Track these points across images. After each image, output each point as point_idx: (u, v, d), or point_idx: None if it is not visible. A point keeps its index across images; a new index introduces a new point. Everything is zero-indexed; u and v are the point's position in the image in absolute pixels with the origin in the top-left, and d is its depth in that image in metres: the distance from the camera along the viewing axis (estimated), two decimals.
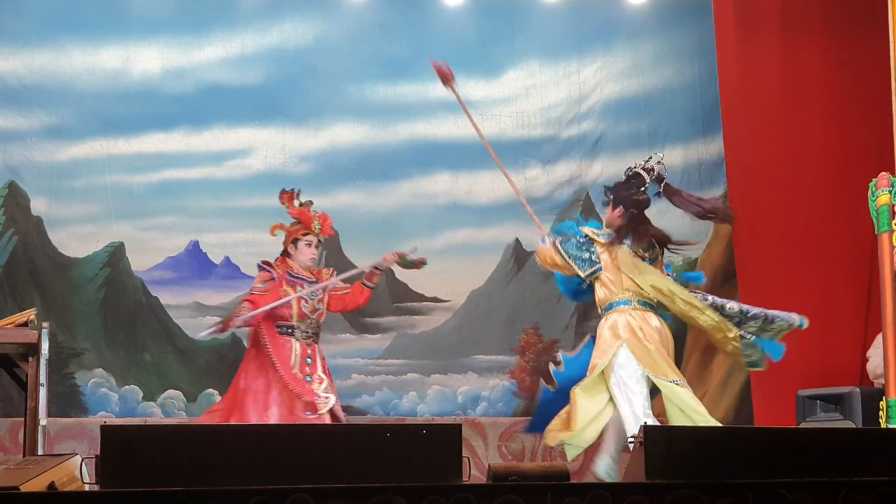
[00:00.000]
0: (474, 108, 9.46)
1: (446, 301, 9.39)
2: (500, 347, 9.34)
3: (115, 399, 8.80)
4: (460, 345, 9.34)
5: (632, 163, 9.55)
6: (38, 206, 8.84)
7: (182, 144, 9.10)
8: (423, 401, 9.22)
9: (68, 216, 8.90)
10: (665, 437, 4.28)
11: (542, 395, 6.96)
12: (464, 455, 4.20)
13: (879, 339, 7.15)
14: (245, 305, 7.15)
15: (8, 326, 6.44)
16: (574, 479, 4.58)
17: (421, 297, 9.37)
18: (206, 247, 9.10)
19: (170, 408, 8.84)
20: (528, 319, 9.31)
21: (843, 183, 8.21)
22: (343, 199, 9.25)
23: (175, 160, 9.09)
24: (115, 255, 8.94)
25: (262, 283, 7.27)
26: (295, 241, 7.37)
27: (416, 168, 9.43)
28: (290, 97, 9.30)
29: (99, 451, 4.01)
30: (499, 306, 9.40)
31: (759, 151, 8.56)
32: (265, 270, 7.32)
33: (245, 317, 7.07)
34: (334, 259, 9.26)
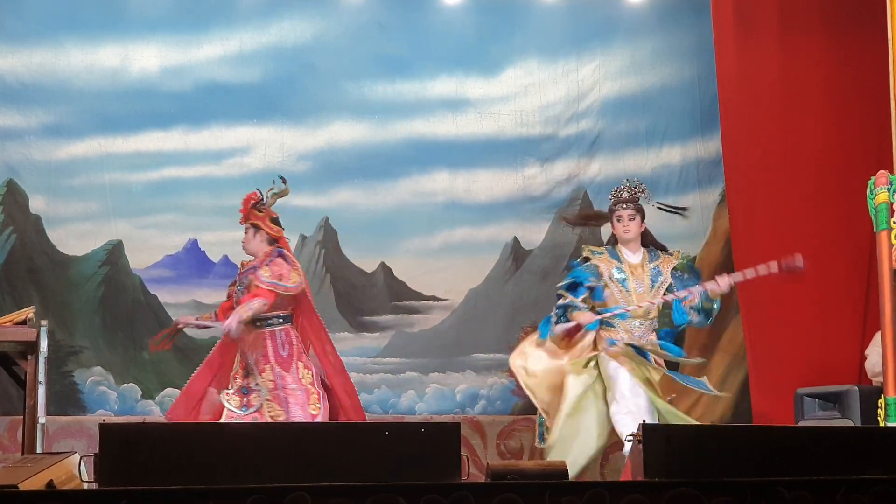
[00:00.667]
0: (473, 106, 9.52)
1: (444, 300, 9.40)
2: (498, 346, 9.33)
3: (113, 397, 8.80)
4: (459, 343, 9.35)
5: (631, 162, 9.61)
6: (37, 205, 8.85)
7: (180, 143, 9.11)
8: (422, 399, 9.22)
9: (67, 214, 8.90)
10: (664, 436, 4.28)
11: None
12: (462, 453, 4.20)
13: (878, 337, 7.15)
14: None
15: (6, 324, 6.45)
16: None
17: (419, 296, 9.37)
18: (205, 245, 9.10)
19: (168, 406, 8.83)
20: (527, 318, 9.26)
21: (841, 181, 8.20)
22: (341, 197, 9.26)
23: (173, 158, 9.09)
24: (114, 253, 8.95)
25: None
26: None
27: (415, 166, 9.43)
28: (289, 95, 9.30)
29: (97, 450, 4.01)
30: (497, 305, 9.40)
31: (758, 150, 8.56)
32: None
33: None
34: (334, 258, 9.28)
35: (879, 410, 6.84)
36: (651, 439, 4.22)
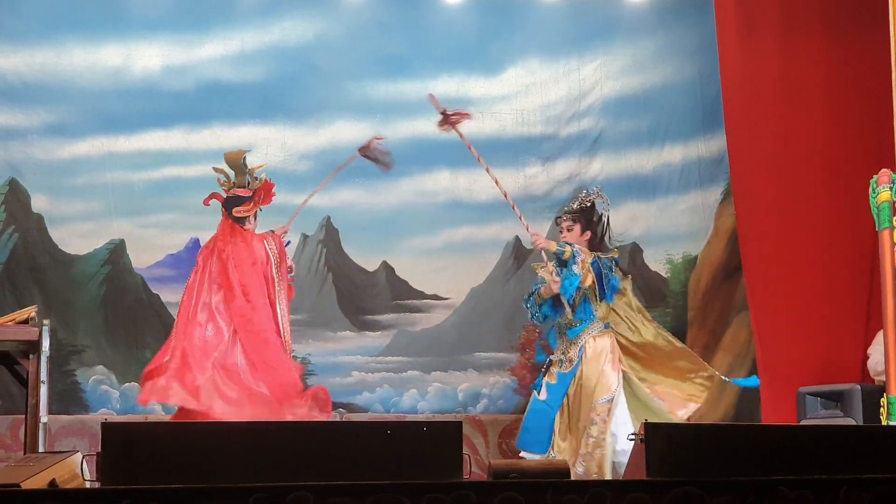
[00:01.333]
0: (475, 105, 9.50)
1: (446, 298, 9.40)
2: (500, 345, 9.34)
3: (115, 396, 8.81)
4: (461, 342, 9.35)
5: (632, 161, 9.63)
6: (39, 204, 8.85)
7: (182, 142, 9.11)
8: (424, 398, 9.22)
9: (69, 213, 8.91)
10: (666, 435, 4.29)
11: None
12: (464, 452, 4.20)
13: (880, 335, 7.15)
14: None
15: (9, 323, 6.47)
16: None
17: (421, 295, 9.37)
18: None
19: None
20: (528, 317, 9.30)
21: (843, 180, 8.19)
22: (343, 196, 9.25)
23: (175, 158, 9.09)
24: (116, 252, 8.95)
25: None
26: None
27: (417, 166, 9.42)
28: (291, 95, 9.30)
29: (100, 449, 4.01)
30: (499, 304, 9.40)
31: (761, 148, 8.55)
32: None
33: None
34: (335, 257, 9.28)
35: (882, 409, 6.84)
36: (653, 438, 4.22)
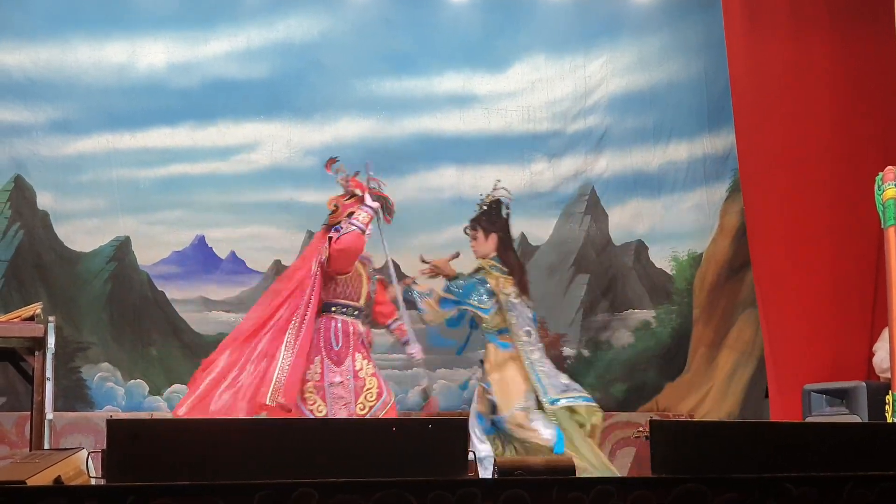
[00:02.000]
0: (480, 102, 9.52)
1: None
2: None
3: (121, 393, 8.81)
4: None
5: (638, 158, 9.61)
6: (45, 201, 8.86)
7: (188, 139, 9.11)
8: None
9: (74, 210, 8.92)
10: (671, 432, 4.28)
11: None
12: (470, 449, 4.20)
13: (886, 333, 7.13)
14: None
15: (14, 320, 6.47)
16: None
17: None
18: (212, 241, 9.11)
19: (175, 402, 8.82)
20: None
21: (851, 176, 8.18)
22: None
23: (181, 155, 9.10)
24: (121, 249, 8.96)
25: None
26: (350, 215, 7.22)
27: (422, 162, 9.43)
28: (296, 92, 9.31)
29: (105, 446, 4.01)
30: None
31: (770, 144, 8.54)
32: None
33: None
34: None
35: (887, 407, 6.82)
36: (658, 436, 4.22)
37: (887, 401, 6.81)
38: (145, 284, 8.98)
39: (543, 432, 7.07)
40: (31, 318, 6.47)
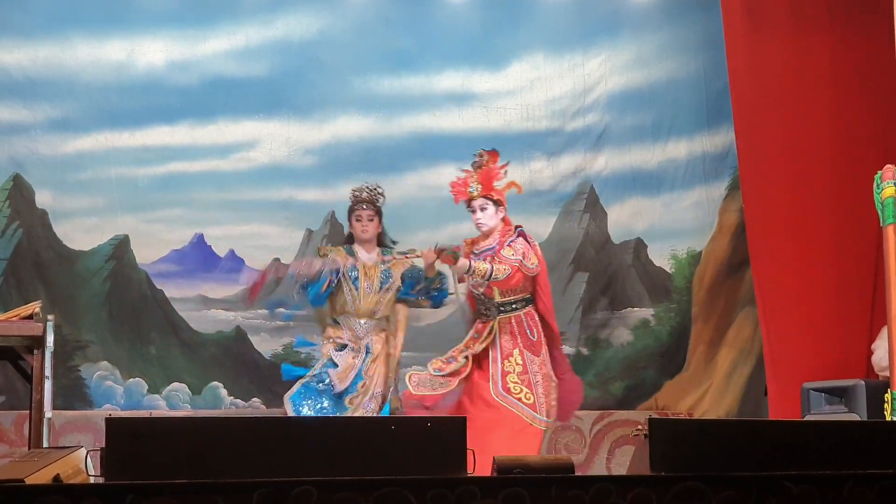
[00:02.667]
0: (479, 100, 9.51)
1: (451, 294, 9.37)
2: None
3: (119, 392, 8.81)
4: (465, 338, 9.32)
5: (637, 156, 9.61)
6: (43, 199, 8.85)
7: (187, 137, 9.11)
8: None
9: (73, 209, 8.91)
10: (670, 430, 4.28)
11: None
12: (468, 448, 4.20)
13: (885, 331, 7.14)
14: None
15: (13, 319, 6.47)
16: (579, 472, 4.58)
17: None
18: (211, 239, 9.10)
19: (175, 400, 8.85)
20: None
21: (851, 174, 8.18)
22: (347, 192, 9.19)
23: (180, 153, 9.09)
24: (120, 247, 8.95)
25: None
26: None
27: (421, 161, 9.42)
28: (295, 90, 9.30)
29: (104, 444, 4.01)
30: None
31: (769, 143, 8.54)
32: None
33: None
34: None
35: (886, 405, 6.82)
36: (657, 433, 4.21)
37: (886, 399, 6.82)
38: (144, 283, 8.97)
39: None
40: (30, 317, 6.47)
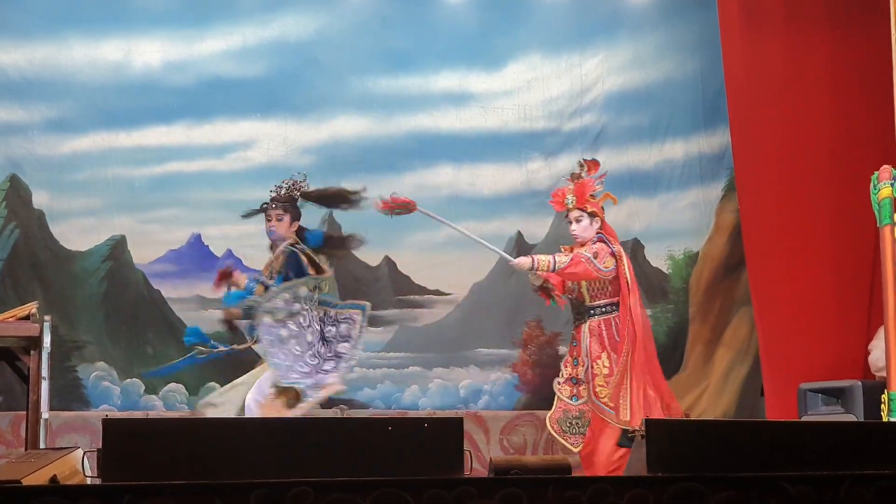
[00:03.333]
0: (477, 100, 9.51)
1: (448, 294, 9.39)
2: (502, 341, 9.33)
3: (116, 392, 8.81)
4: (462, 338, 9.34)
5: (634, 156, 9.61)
6: (40, 200, 8.84)
7: (184, 137, 9.11)
8: (425, 394, 9.22)
9: (70, 209, 8.90)
10: (667, 431, 4.28)
11: None
12: (465, 448, 4.20)
13: (881, 331, 7.14)
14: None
15: (10, 320, 6.47)
16: (575, 473, 4.59)
17: (423, 290, 9.36)
18: (208, 240, 9.10)
19: (171, 401, 8.85)
20: (530, 313, 9.29)
21: (847, 175, 8.18)
22: None
23: (177, 153, 9.09)
24: (117, 248, 8.95)
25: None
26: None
27: (419, 160, 9.43)
28: (292, 90, 9.30)
29: (101, 445, 4.01)
30: (501, 299, 9.39)
31: (765, 143, 8.55)
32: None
33: None
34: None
35: (882, 405, 6.83)
36: (654, 434, 4.21)
37: (883, 399, 6.83)
38: (141, 283, 8.97)
39: None
40: (27, 318, 6.47)
